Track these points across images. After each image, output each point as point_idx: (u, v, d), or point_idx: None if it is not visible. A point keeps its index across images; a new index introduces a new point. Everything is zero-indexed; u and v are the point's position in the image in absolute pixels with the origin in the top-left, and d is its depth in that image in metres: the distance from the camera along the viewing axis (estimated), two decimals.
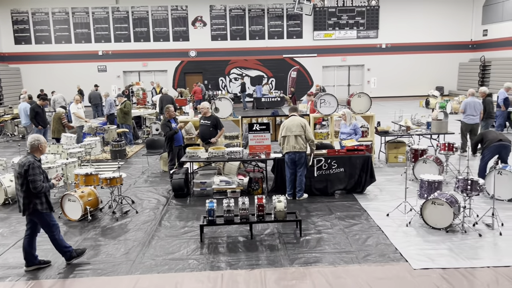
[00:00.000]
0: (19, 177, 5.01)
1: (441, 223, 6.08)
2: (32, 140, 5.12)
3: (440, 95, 22.32)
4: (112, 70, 26.41)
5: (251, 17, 26.50)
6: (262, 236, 6.10)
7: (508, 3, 23.46)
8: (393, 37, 26.92)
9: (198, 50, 26.57)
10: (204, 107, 8.95)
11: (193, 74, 26.73)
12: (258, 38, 26.66)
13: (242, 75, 27.05)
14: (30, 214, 5.09)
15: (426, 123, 10.82)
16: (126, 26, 26.17)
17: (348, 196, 7.88)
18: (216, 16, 26.40)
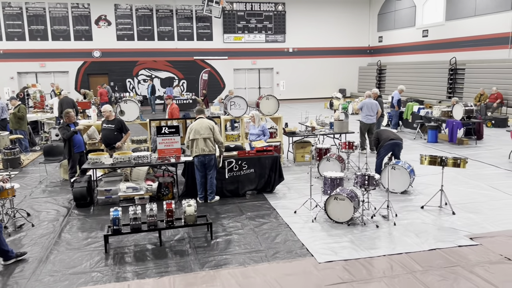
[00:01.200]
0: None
1: (343, 217, 6.46)
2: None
3: (342, 97, 23.82)
4: (4, 71, 23.96)
5: (159, 18, 25.85)
6: (172, 242, 5.96)
7: (399, 13, 25.83)
8: (299, 41, 28.12)
9: (102, 50, 25.23)
10: (106, 110, 8.48)
11: (97, 75, 25.29)
12: (167, 39, 26.09)
13: (151, 77, 26.25)
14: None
15: (329, 124, 11.44)
16: (19, 24, 23.93)
17: (259, 196, 8.03)
18: (121, 16, 25.30)
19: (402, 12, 25.40)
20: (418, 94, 22.62)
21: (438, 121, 13.33)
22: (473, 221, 6.47)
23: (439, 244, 5.66)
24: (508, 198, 7.55)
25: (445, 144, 12.56)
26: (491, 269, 4.97)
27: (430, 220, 6.55)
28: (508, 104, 17.33)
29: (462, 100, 18.38)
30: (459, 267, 5.04)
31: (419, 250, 5.52)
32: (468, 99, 18.70)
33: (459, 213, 6.83)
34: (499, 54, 18.64)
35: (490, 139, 13.23)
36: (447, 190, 7.69)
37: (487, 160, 10.46)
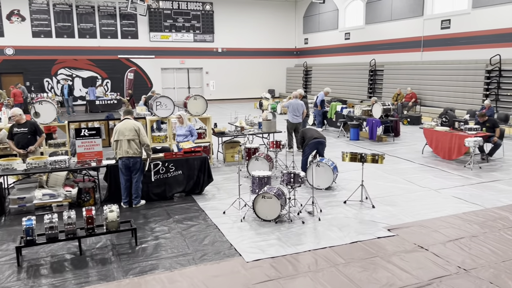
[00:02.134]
0: None
1: (271, 215, 6.55)
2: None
3: (271, 97, 24.26)
4: None
5: (80, 14, 24.49)
6: (93, 251, 5.64)
7: (323, 16, 26.88)
8: (228, 42, 28.18)
9: (16, 48, 23.35)
10: (16, 114, 7.80)
11: (11, 74, 23.37)
12: (89, 36, 24.81)
13: (72, 76, 24.79)
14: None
15: (258, 123, 11.58)
16: None
17: (187, 198, 7.89)
18: (37, 11, 23.60)
19: (326, 15, 26.47)
20: (342, 94, 23.71)
21: (360, 120, 14.05)
22: (391, 213, 6.89)
23: (360, 237, 5.95)
24: (421, 190, 8.15)
25: (366, 142, 13.28)
26: (406, 257, 5.32)
27: (352, 214, 6.87)
28: (421, 103, 18.76)
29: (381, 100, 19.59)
30: (378, 257, 5.33)
31: (341, 243, 5.76)
32: (386, 99, 19.97)
33: (378, 206, 7.24)
34: (413, 57, 20.11)
35: (406, 136, 14.22)
36: (367, 185, 8.12)
37: (403, 155, 11.22)
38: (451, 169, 9.70)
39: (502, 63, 15.75)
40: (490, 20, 16.40)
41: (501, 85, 15.88)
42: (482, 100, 16.15)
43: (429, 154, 11.22)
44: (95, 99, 22.06)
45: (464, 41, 17.55)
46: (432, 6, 19.14)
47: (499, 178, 8.85)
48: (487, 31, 16.56)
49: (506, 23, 15.81)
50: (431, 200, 7.56)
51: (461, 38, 17.67)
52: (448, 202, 7.40)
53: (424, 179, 8.88)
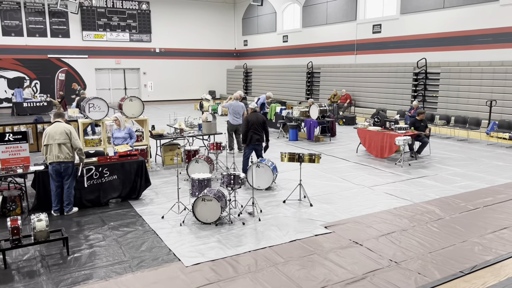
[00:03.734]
0: None
1: (211, 217, 6.49)
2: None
3: (212, 99, 24.13)
4: None
5: (4, 10, 22.81)
6: (19, 263, 5.26)
7: (261, 18, 27.21)
8: (166, 42, 27.65)
9: None
10: None
11: None
12: (14, 34, 23.18)
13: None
14: None
15: (198, 125, 11.45)
16: None
17: (124, 203, 7.61)
18: None
19: (264, 17, 26.83)
20: (281, 95, 24.16)
21: (298, 121, 14.38)
22: (327, 211, 7.10)
23: (298, 235, 6.07)
24: (356, 188, 8.50)
25: (305, 142, 13.62)
26: (342, 253, 5.51)
27: (291, 213, 6.99)
28: (356, 104, 19.59)
29: (318, 101, 20.21)
30: (315, 255, 5.46)
31: (281, 242, 5.84)
32: (323, 100, 20.63)
33: (316, 204, 7.43)
34: (347, 59, 20.96)
35: (342, 135, 14.77)
36: (305, 184, 8.32)
37: (339, 154, 11.63)
38: (383, 166, 10.21)
39: (428, 66, 16.88)
40: (417, 25, 17.52)
41: (427, 87, 17.02)
42: (410, 101, 17.20)
43: (363, 153, 11.74)
44: (22, 101, 20.64)
45: (394, 45, 18.59)
46: (364, 11, 20.07)
47: (427, 174, 9.45)
48: (414, 36, 17.67)
49: (431, 29, 16.97)
50: (365, 197, 7.90)
51: (391, 42, 18.70)
52: (380, 198, 7.78)
53: (358, 177, 9.26)
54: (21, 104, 20.48)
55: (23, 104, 20.46)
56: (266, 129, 8.82)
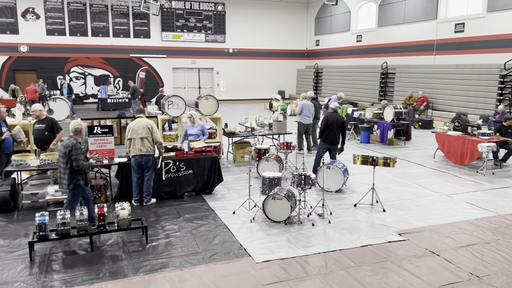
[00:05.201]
0: (64, 156, 5.83)
1: (281, 216, 6.54)
2: (76, 124, 6.05)
3: (281, 99, 24.25)
4: None
5: (94, 13, 24.72)
6: (104, 248, 5.69)
7: (335, 17, 26.80)
8: (239, 42, 28.23)
9: (30, 45, 23.64)
10: (36, 109, 7.90)
11: (25, 71, 23.67)
12: (102, 35, 25.02)
13: (84, 74, 25.04)
14: (73, 188, 5.89)
15: (268, 124, 11.58)
16: None
17: (197, 197, 7.92)
18: (51, 9, 23.87)
19: (338, 17, 26.39)
20: (352, 96, 23.61)
21: (371, 123, 13.97)
22: (402, 218, 6.84)
23: (370, 241, 5.92)
24: (433, 195, 8.08)
25: (377, 145, 13.20)
26: (417, 262, 5.28)
27: (362, 218, 6.83)
28: (433, 107, 18.60)
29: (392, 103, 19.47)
30: (388, 262, 5.29)
31: (352, 246, 5.73)
32: (397, 102, 19.83)
33: (389, 210, 7.19)
34: (425, 60, 19.96)
35: (417, 139, 14.11)
36: (378, 189, 8.07)
37: (414, 159, 11.13)
38: (463, 174, 9.60)
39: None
40: (505, 24, 16.21)
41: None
42: (495, 106, 15.97)
43: (441, 158, 11.12)
44: (106, 97, 22.23)
45: (478, 45, 17.37)
46: (446, 10, 18.97)
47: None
48: (501, 35, 16.37)
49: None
50: (443, 205, 7.49)
51: (475, 42, 17.49)
52: (460, 208, 7.33)
53: (435, 184, 8.80)
54: (106, 100, 22.06)
55: (107, 100, 22.03)
56: (343, 130, 8.73)
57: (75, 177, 5.89)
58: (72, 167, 5.83)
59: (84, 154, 6.00)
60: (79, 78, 24.99)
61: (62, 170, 5.94)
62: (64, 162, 5.87)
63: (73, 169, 5.85)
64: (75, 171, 5.86)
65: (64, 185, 5.94)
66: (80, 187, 5.98)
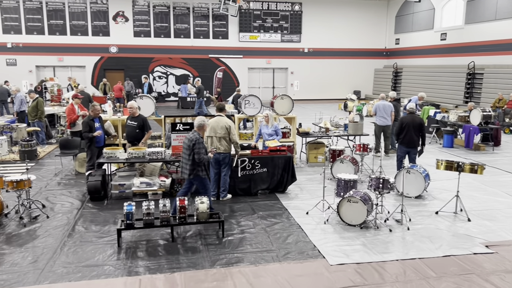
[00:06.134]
0: (188, 148, 6.34)
1: (356, 219, 6.40)
2: (200, 120, 6.56)
3: (357, 99, 23.65)
4: (23, 64, 24.35)
5: (176, 15, 25.99)
6: (183, 239, 5.98)
7: (417, 15, 25.55)
8: (314, 42, 28.01)
9: (119, 46, 25.46)
10: (133, 106, 8.48)
11: (114, 71, 25.55)
12: (183, 36, 26.22)
13: (166, 74, 26.43)
14: (193, 178, 6.42)
15: (344, 125, 11.36)
16: (39, 18, 24.29)
17: (271, 195, 8.01)
18: (139, 12, 25.50)
19: (420, 14, 25.12)
20: (434, 98, 22.34)
21: (455, 126, 13.14)
22: (489, 229, 6.36)
23: (453, 251, 5.58)
24: None
25: (461, 149, 12.37)
26: (507, 278, 4.88)
27: (445, 226, 6.46)
28: None
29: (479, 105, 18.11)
30: (474, 275, 4.96)
31: (433, 256, 5.45)
32: (485, 104, 18.41)
33: (475, 220, 6.72)
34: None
35: (507, 145, 13.00)
36: (462, 196, 7.57)
37: (504, 167, 10.27)
38: None
39: None
40: None
41: None
42: None
43: None
44: (186, 96, 23.26)
45: None
46: None
47: None
48: None
49: None
50: None
51: None
52: None
53: None
54: (185, 98, 23.10)
55: (186, 99, 23.05)
56: (422, 132, 8.35)
57: (196, 168, 6.36)
58: (194, 159, 6.29)
59: (205, 148, 6.44)
60: (162, 78, 26.41)
61: (185, 161, 6.45)
62: (187, 154, 6.36)
63: (194, 161, 6.30)
64: (196, 163, 6.32)
65: (186, 174, 6.46)
66: (200, 178, 6.43)
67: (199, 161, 6.32)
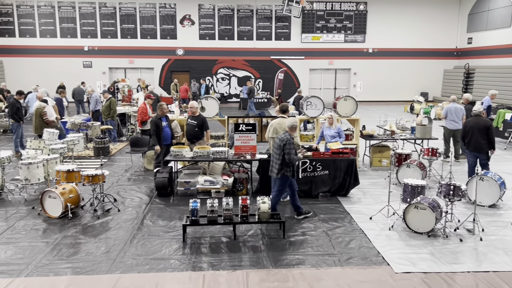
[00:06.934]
0: (278, 148, 6.45)
1: (423, 227, 6.13)
2: (293, 121, 6.65)
3: (424, 101, 22.62)
4: (97, 66, 26.07)
5: (240, 18, 26.46)
6: (245, 237, 6.07)
7: (493, 12, 23.93)
8: (380, 42, 27.20)
9: (185, 49, 26.41)
10: (193, 106, 8.83)
11: (180, 72, 26.55)
12: (246, 38, 26.63)
13: (229, 75, 26.99)
14: (280, 177, 6.49)
15: (411, 128, 10.93)
16: (113, 22, 25.87)
17: (332, 198, 7.90)
18: (204, 15, 26.29)
19: (496, 12, 23.49)
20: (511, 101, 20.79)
21: None
22: None
23: None
24: None
25: None
26: None
27: None
28: None
29: None
30: None
31: (508, 269, 5.08)
32: None
33: None
34: None
35: None
36: None
37: None
38: None
39: None
40: None
41: None
42: None
43: None
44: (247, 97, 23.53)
45: None
46: None
47: None
48: None
49: None
50: None
51: None
52: None
53: None
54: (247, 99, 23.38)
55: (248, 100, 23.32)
56: (489, 135, 7.82)
57: (284, 168, 6.44)
58: (284, 159, 6.39)
59: (295, 149, 6.54)
60: (224, 79, 27.00)
61: (274, 160, 6.56)
62: (278, 154, 6.46)
63: (284, 161, 6.40)
64: (285, 163, 6.41)
65: (274, 173, 6.58)
66: (287, 178, 6.51)
67: (288, 162, 6.40)
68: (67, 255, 5.48)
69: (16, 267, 5.15)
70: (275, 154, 6.53)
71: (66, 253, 5.51)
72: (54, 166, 7.97)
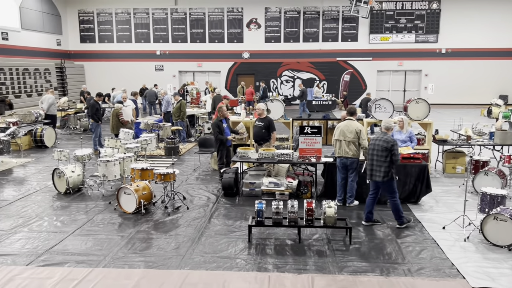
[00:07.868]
0: (384, 150, 6.34)
1: (503, 240, 5.70)
2: (389, 122, 6.68)
3: (504, 104, 21.01)
4: (168, 70, 27.28)
5: (306, 20, 26.34)
6: (310, 241, 6.02)
7: None
8: (454, 42, 25.71)
9: (251, 52, 26.79)
10: (260, 108, 8.96)
11: (245, 75, 26.99)
12: (312, 40, 26.44)
13: (293, 78, 26.96)
14: (387, 180, 6.39)
15: (489, 133, 10.20)
16: (183, 27, 26.91)
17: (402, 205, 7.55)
18: (271, 18, 26.50)
19: None
20: None
21: None
22: None
23: None
24: None
25: None
26: None
27: None
28: None
29: None
30: None
31: None
32: None
33: None
34: None
35: None
36: None
37: None
38: None
39: None
40: None
41: None
42: None
43: None
44: (312, 99, 23.40)
45: None
46: None
47: None
48: None
49: None
50: None
51: None
52: None
53: None
54: (311, 101, 23.24)
55: (312, 102, 23.19)
56: None
57: (390, 170, 6.36)
58: (391, 161, 6.32)
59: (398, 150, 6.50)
60: (289, 81, 27.00)
61: (379, 163, 6.40)
62: (383, 156, 6.33)
63: (391, 163, 6.33)
64: (391, 165, 6.34)
65: (379, 177, 6.42)
66: (393, 180, 6.42)
67: (396, 163, 6.38)
68: (140, 249, 5.78)
69: (95, 258, 5.53)
70: (379, 157, 6.37)
71: (139, 247, 5.82)
72: (129, 164, 8.46)
